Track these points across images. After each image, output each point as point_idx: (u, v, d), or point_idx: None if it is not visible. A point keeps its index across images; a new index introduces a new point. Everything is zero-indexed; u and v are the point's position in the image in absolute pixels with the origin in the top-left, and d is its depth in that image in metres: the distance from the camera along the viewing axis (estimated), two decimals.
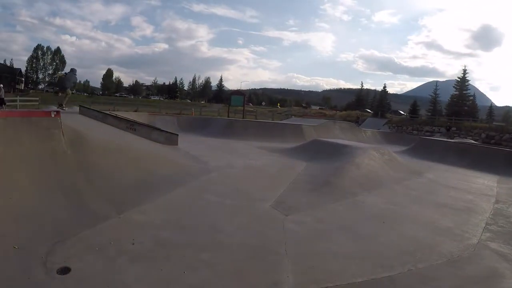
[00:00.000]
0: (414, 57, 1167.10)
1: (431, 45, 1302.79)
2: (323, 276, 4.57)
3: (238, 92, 43.08)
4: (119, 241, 5.18)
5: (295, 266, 4.77)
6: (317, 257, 5.15)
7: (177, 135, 15.54)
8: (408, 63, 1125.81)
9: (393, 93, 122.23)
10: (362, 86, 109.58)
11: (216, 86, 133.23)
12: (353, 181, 9.97)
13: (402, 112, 74.08)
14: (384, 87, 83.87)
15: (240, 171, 11.11)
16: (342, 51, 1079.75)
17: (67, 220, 5.76)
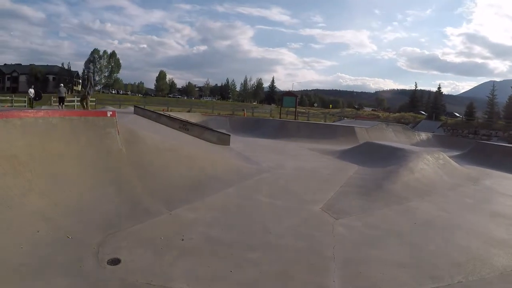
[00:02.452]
0: (460, 53, 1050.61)
1: (474, 38, 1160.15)
2: (370, 283, 4.40)
3: (290, 93, 42.83)
4: (169, 237, 5.28)
5: (342, 271, 4.62)
6: (365, 263, 4.95)
7: (229, 135, 15.68)
8: (453, 59, 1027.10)
9: (446, 94, 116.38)
10: (416, 87, 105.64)
11: (268, 87, 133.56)
12: (406, 186, 9.56)
13: (458, 114, 70.56)
14: (439, 87, 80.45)
15: (291, 173, 11.02)
16: (383, 48, 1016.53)
17: (120, 215, 5.96)
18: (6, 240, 4.35)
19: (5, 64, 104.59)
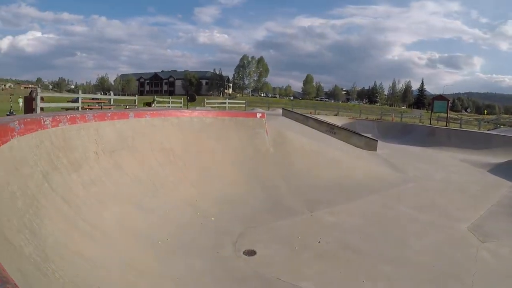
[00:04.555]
0: None
1: None
2: None
3: (441, 97, 39.65)
4: (306, 237, 5.43)
5: None
6: None
7: (377, 140, 15.28)
8: None
9: None
10: None
11: (417, 91, 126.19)
12: None
13: None
14: None
15: (439, 184, 10.28)
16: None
17: (262, 210, 6.37)
18: (154, 220, 5.06)
19: (162, 71, 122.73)
